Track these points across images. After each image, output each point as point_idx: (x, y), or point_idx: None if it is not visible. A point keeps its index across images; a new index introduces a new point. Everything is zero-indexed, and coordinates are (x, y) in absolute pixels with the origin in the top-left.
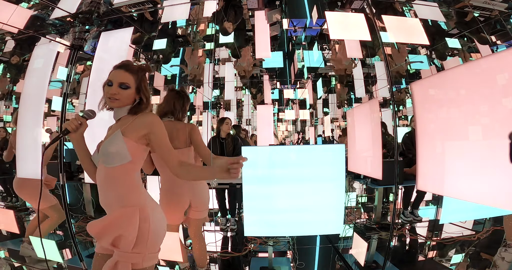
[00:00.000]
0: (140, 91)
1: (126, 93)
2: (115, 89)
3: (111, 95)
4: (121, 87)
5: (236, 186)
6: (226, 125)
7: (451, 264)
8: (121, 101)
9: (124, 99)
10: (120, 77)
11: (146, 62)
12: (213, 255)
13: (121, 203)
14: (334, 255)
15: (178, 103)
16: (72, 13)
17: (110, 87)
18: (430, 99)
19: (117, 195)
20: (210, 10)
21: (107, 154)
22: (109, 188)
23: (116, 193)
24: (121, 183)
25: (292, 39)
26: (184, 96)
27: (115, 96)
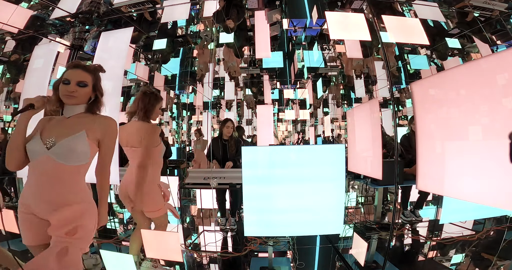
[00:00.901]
0: (96, 89)
1: (83, 91)
2: (73, 87)
3: (70, 93)
4: (79, 85)
5: (236, 186)
6: (227, 129)
7: (451, 264)
8: (78, 99)
9: (82, 96)
10: (78, 76)
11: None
12: (213, 255)
13: (69, 200)
14: (334, 255)
15: (142, 103)
16: (72, 13)
17: (67, 85)
18: (430, 99)
19: (66, 192)
20: (211, 10)
21: (67, 151)
22: (58, 184)
23: (65, 190)
24: (74, 181)
25: (292, 39)
26: (149, 95)
27: (73, 94)
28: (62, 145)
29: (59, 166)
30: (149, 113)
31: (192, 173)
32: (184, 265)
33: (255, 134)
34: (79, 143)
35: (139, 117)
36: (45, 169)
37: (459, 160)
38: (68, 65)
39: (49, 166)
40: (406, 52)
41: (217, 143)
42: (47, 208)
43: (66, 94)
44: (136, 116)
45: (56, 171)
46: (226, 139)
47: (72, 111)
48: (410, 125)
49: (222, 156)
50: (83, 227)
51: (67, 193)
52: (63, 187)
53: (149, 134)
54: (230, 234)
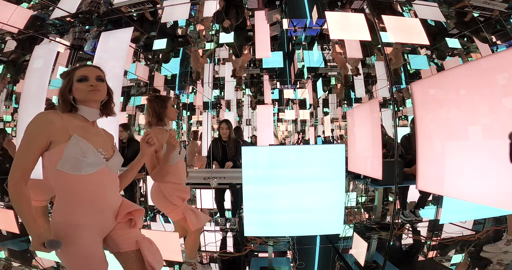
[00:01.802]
0: (108, 88)
1: (103, 86)
2: (94, 82)
3: (93, 88)
4: (98, 80)
5: (236, 186)
6: (222, 130)
7: (451, 264)
8: (102, 93)
9: (103, 91)
10: (95, 71)
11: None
12: (213, 255)
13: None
14: (334, 255)
15: (152, 110)
16: (72, 13)
17: (86, 82)
18: (430, 99)
19: (119, 195)
20: (211, 10)
21: (119, 163)
22: (115, 191)
23: (118, 194)
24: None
25: (292, 39)
26: (155, 100)
27: (96, 88)
28: (117, 157)
29: (115, 175)
30: (162, 116)
31: (192, 173)
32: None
33: (255, 134)
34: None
35: (154, 123)
36: (108, 179)
37: (459, 160)
38: (74, 68)
39: (110, 176)
40: (406, 52)
41: (217, 144)
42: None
43: (90, 90)
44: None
45: (114, 179)
46: (225, 140)
47: (94, 115)
48: (411, 126)
49: (221, 157)
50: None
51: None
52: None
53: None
54: (230, 234)
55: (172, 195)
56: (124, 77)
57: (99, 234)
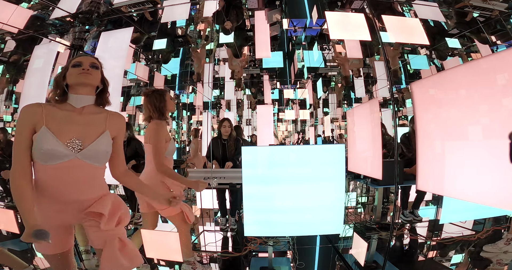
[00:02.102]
0: (103, 78)
1: (97, 72)
2: (87, 67)
3: (85, 71)
4: (92, 66)
5: (236, 186)
6: (224, 128)
7: (451, 264)
8: (93, 77)
9: (96, 77)
10: (89, 59)
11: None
12: (213, 255)
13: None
14: (334, 255)
15: (151, 105)
16: (72, 13)
17: (79, 67)
18: (430, 99)
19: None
20: (210, 10)
21: (103, 154)
22: (91, 183)
23: (97, 187)
24: (101, 179)
25: (292, 39)
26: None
27: (88, 72)
28: (93, 148)
29: (91, 168)
30: (163, 110)
31: (192, 173)
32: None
33: (255, 134)
34: (107, 144)
35: (156, 117)
36: (77, 171)
37: (459, 160)
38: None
39: (81, 168)
40: (406, 52)
41: (217, 142)
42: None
43: (80, 73)
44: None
45: (89, 172)
46: (225, 138)
47: (82, 101)
48: (410, 125)
49: (221, 156)
50: (126, 213)
51: (98, 190)
52: (95, 186)
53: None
54: (230, 234)
55: (175, 186)
56: (124, 77)
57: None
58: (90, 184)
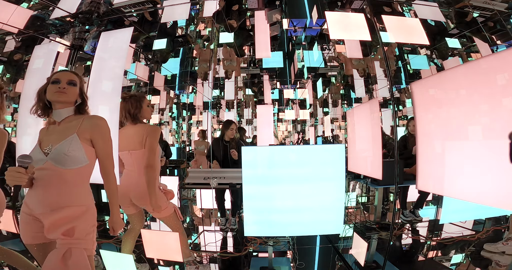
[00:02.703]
0: (82, 92)
1: (73, 90)
2: (64, 84)
3: (61, 90)
4: (69, 84)
5: (236, 186)
6: (231, 130)
7: (451, 264)
8: (68, 96)
9: (71, 94)
10: (67, 76)
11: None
12: (213, 255)
13: (70, 202)
14: (334, 255)
15: (125, 109)
16: (72, 13)
17: (57, 84)
18: (430, 99)
19: (67, 195)
20: (211, 10)
21: (62, 155)
22: (58, 187)
23: (67, 192)
24: (74, 184)
25: (292, 39)
26: (129, 99)
27: (64, 90)
28: (56, 150)
29: (60, 171)
30: (137, 116)
31: (192, 173)
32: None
33: (255, 134)
34: (71, 146)
35: (129, 122)
36: (47, 174)
37: (459, 160)
38: (56, 71)
39: (50, 171)
40: (406, 52)
41: (218, 144)
42: (46, 211)
43: (56, 91)
44: (126, 123)
45: (57, 175)
46: (228, 140)
47: (61, 115)
48: (407, 127)
49: (222, 157)
50: (80, 228)
51: (67, 196)
52: (63, 191)
53: (153, 136)
54: (230, 234)
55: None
56: (124, 77)
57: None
58: (57, 187)
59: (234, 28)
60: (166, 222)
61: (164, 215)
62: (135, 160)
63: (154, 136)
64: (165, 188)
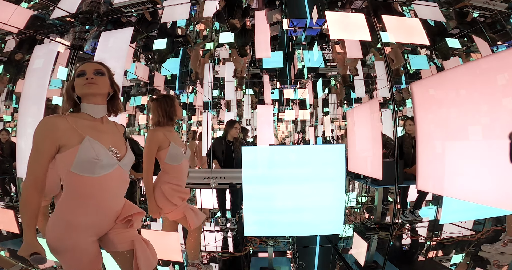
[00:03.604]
0: (112, 82)
1: (102, 79)
2: (91, 75)
3: (89, 80)
4: (97, 73)
5: (236, 186)
6: (235, 129)
7: (451, 264)
8: (99, 86)
9: (102, 84)
10: (92, 66)
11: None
12: (213, 255)
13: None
14: (334, 255)
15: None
16: (72, 13)
17: (83, 76)
18: (430, 99)
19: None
20: (211, 10)
21: (131, 162)
22: (123, 191)
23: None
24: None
25: (292, 39)
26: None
27: (92, 81)
28: (129, 158)
29: (127, 175)
30: (172, 115)
31: (192, 173)
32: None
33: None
34: (132, 154)
35: (164, 123)
36: (120, 179)
37: (459, 160)
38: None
39: (122, 177)
40: (406, 52)
41: (220, 143)
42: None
43: (85, 83)
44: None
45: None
46: (231, 140)
47: (100, 111)
48: (404, 127)
49: (224, 157)
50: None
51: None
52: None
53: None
54: (230, 234)
55: (174, 196)
56: (124, 77)
57: (96, 234)
58: (123, 192)
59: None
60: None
61: (172, 218)
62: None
63: (146, 140)
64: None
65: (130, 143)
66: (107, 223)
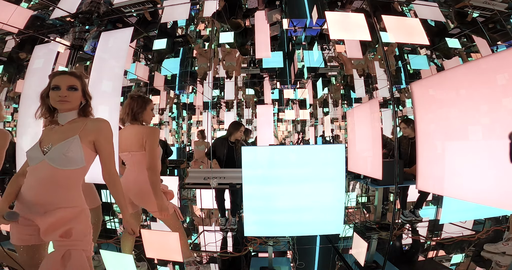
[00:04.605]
0: (85, 93)
1: (75, 95)
2: (65, 92)
3: (62, 98)
4: (70, 89)
5: (236, 186)
6: (240, 132)
7: (451, 264)
8: (71, 103)
9: (74, 101)
10: (67, 81)
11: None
12: (213, 255)
13: (65, 204)
14: (334, 255)
15: (129, 107)
16: (72, 13)
17: (58, 91)
18: (430, 99)
19: (62, 196)
20: (211, 10)
21: (61, 156)
22: (52, 187)
23: (61, 193)
24: (68, 185)
25: (292, 39)
26: (137, 99)
27: (66, 99)
28: (56, 150)
29: (55, 171)
30: (138, 116)
31: (192, 173)
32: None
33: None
34: (72, 147)
35: (128, 121)
36: (42, 173)
37: (459, 160)
38: (54, 73)
39: (46, 171)
40: (406, 52)
41: (223, 144)
42: (40, 211)
43: (59, 100)
44: (127, 122)
45: (52, 175)
46: (233, 141)
47: (66, 118)
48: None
49: (226, 157)
50: (77, 230)
51: (62, 197)
52: (58, 191)
53: (152, 138)
54: (230, 234)
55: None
56: (124, 77)
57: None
58: (51, 188)
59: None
60: (165, 222)
61: (164, 216)
62: (135, 161)
63: (153, 138)
64: (165, 188)
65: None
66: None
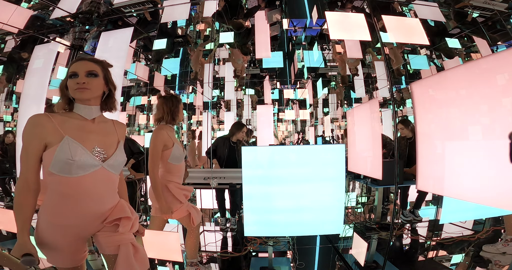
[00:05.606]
0: (108, 81)
1: (95, 81)
2: (83, 78)
3: (80, 85)
4: (89, 75)
5: (236, 186)
6: (242, 133)
7: (451, 264)
8: (91, 91)
9: (94, 88)
10: (85, 66)
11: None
12: (213, 255)
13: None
14: (334, 255)
15: (167, 107)
16: (72, 13)
17: (75, 78)
18: (430, 99)
19: (115, 197)
20: (211, 10)
21: (120, 163)
22: (112, 194)
23: (115, 196)
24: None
25: (292, 39)
26: (171, 98)
27: (84, 85)
28: (116, 158)
29: (112, 176)
30: (175, 115)
31: (192, 173)
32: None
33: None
34: (124, 154)
35: (166, 121)
36: (100, 181)
37: (459, 160)
38: (73, 61)
39: (103, 177)
40: (406, 52)
41: (224, 143)
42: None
43: (77, 88)
44: (163, 121)
45: (111, 182)
46: (235, 141)
47: (92, 113)
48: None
49: (227, 157)
50: (137, 218)
51: (116, 197)
52: (115, 197)
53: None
54: (230, 234)
55: (180, 193)
56: (124, 77)
57: (76, 234)
58: (111, 194)
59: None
60: (181, 222)
61: (176, 217)
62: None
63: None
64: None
65: (127, 143)
66: (88, 224)
